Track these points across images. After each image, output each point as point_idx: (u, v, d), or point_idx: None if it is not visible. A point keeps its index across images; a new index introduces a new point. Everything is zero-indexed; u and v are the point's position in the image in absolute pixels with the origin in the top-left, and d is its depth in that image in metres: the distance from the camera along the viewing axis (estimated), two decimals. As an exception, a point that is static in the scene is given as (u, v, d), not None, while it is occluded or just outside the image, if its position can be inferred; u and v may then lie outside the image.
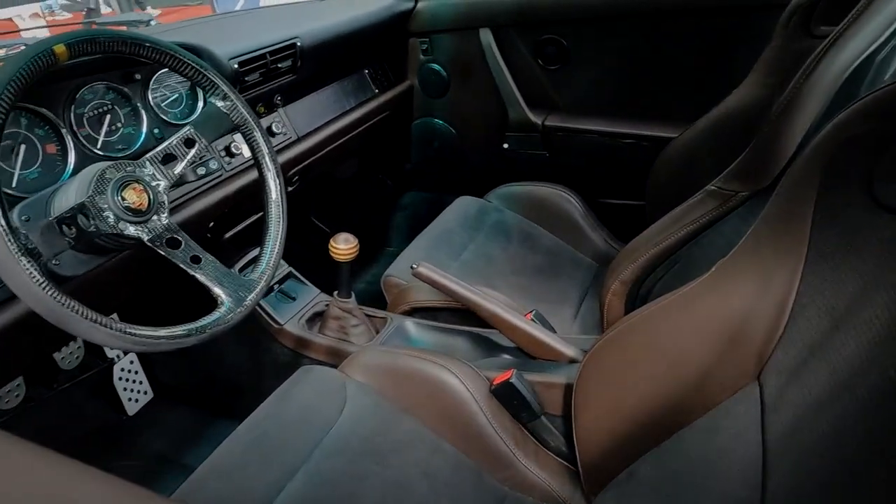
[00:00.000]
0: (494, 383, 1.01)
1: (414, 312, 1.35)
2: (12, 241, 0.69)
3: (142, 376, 1.57)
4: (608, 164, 1.77)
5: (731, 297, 0.70)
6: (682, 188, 1.26)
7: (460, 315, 1.30)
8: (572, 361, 1.11)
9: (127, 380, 1.54)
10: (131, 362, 1.56)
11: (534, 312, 1.21)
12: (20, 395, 1.34)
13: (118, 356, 1.54)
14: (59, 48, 0.76)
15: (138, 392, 1.56)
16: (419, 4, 1.84)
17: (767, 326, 0.66)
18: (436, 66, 1.91)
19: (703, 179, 1.14)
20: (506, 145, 1.88)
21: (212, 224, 1.30)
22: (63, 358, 1.40)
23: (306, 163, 1.55)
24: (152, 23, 1.49)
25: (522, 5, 1.70)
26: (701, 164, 1.33)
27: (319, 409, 0.99)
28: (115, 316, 1.42)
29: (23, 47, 1.17)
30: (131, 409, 1.54)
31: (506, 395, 1.01)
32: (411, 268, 1.22)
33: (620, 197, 1.79)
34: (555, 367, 1.10)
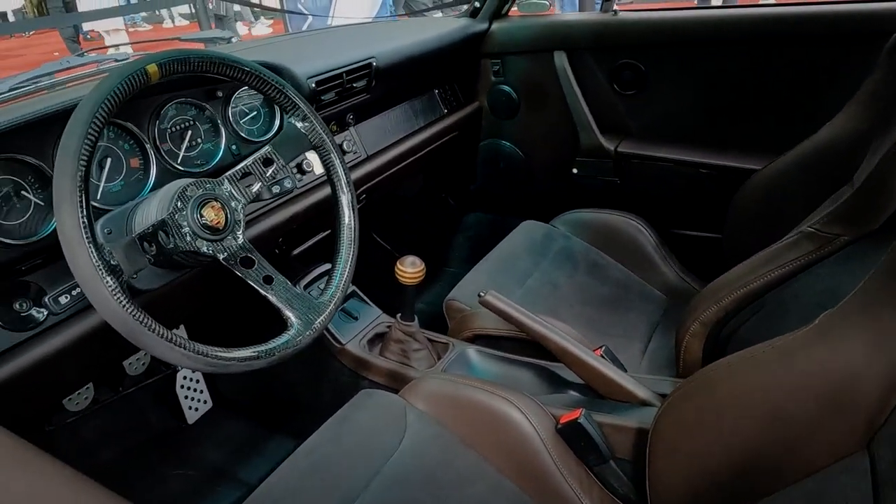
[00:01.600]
0: (561, 422, 0.97)
1: (476, 339, 1.32)
2: (97, 258, 0.69)
3: (202, 385, 1.59)
4: (683, 193, 1.70)
5: (838, 354, 0.64)
6: (766, 224, 1.19)
7: (524, 345, 1.25)
8: (645, 404, 1.05)
9: (188, 388, 1.56)
10: (193, 371, 1.58)
11: (604, 348, 1.16)
12: (88, 397, 1.37)
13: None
14: (152, 68, 0.78)
15: (198, 401, 1.58)
16: (493, 26, 1.83)
17: (880, 391, 0.59)
18: (506, 88, 1.88)
19: (792, 217, 1.07)
20: (575, 170, 1.84)
21: (281, 240, 1.31)
22: (130, 363, 1.43)
23: (374, 182, 1.54)
24: (233, 40, 1.52)
25: (600, 29, 1.66)
26: (789, 201, 1.25)
27: (379, 437, 0.97)
28: (183, 333, 1.45)
29: (112, 63, 1.22)
30: (191, 417, 1.56)
31: (573, 436, 0.96)
32: (479, 295, 1.18)
33: (695, 228, 1.72)
34: (626, 408, 1.05)
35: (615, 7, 1.67)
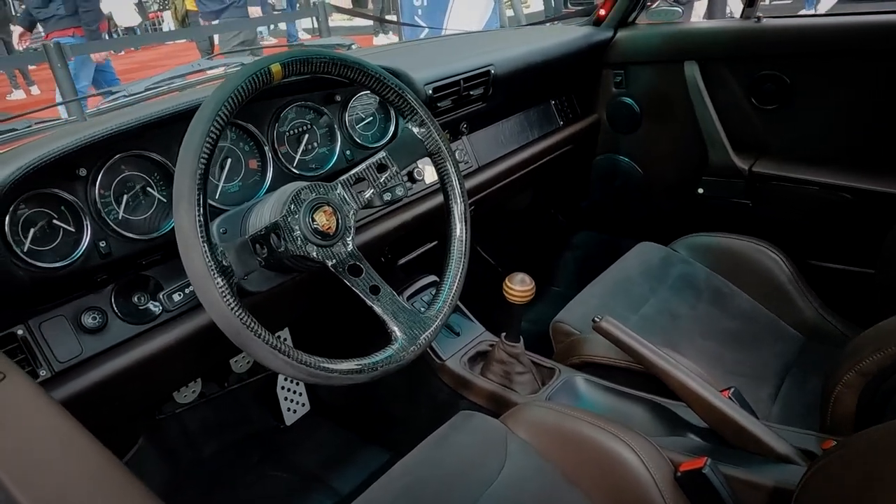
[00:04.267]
0: (681, 469, 0.87)
1: (585, 367, 1.22)
2: (210, 258, 0.69)
3: (302, 388, 1.60)
4: (827, 220, 1.51)
5: None
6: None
7: (639, 378, 1.15)
8: (783, 460, 0.92)
9: (288, 390, 1.58)
10: (294, 375, 1.60)
11: (732, 390, 1.03)
12: (196, 390, 1.42)
13: (284, 365, 1.58)
14: (276, 67, 0.77)
15: (297, 403, 1.59)
16: (619, 34, 1.73)
17: None
18: (628, 100, 1.78)
19: None
20: (700, 190, 1.70)
21: (387, 248, 1.28)
22: (236, 361, 1.46)
23: (483, 194, 1.49)
24: (353, 46, 1.53)
25: (740, 37, 1.53)
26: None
27: (478, 464, 0.92)
28: (287, 336, 1.47)
29: (239, 66, 1.25)
30: (289, 419, 1.57)
31: (695, 487, 0.86)
32: (593, 320, 1.10)
33: (839, 261, 1.53)
34: (760, 462, 0.92)
35: (758, 14, 1.52)
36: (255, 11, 4.51)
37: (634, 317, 1.32)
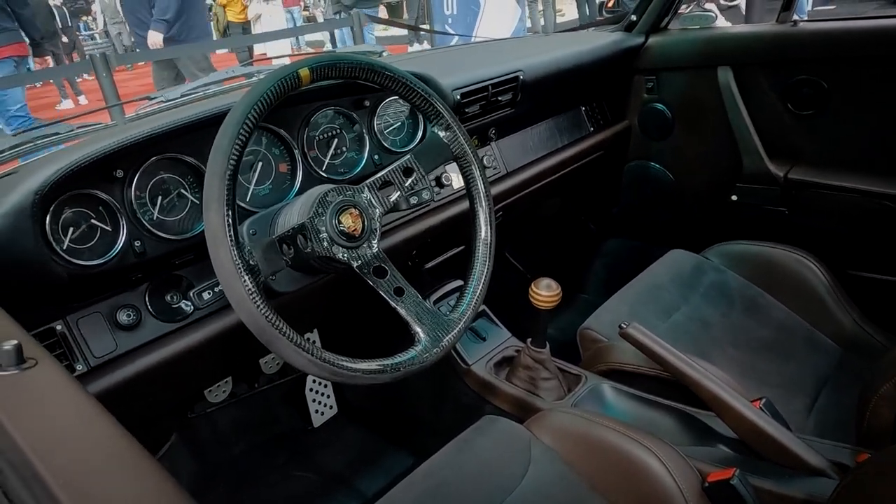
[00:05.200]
0: (709, 480, 0.85)
1: (612, 375, 1.21)
2: (238, 256, 0.70)
3: (330, 391, 1.62)
4: (866, 229, 1.47)
5: None
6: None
7: (667, 387, 1.13)
8: (814, 473, 0.89)
9: (317, 392, 1.60)
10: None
11: (764, 401, 1.01)
12: (227, 390, 1.44)
13: (312, 367, 1.60)
14: (304, 71, 0.79)
15: (325, 406, 1.61)
16: (650, 40, 1.71)
17: None
18: (660, 106, 1.76)
19: None
20: (734, 197, 1.66)
21: (414, 252, 1.29)
22: (266, 362, 1.49)
23: (512, 199, 1.49)
24: (385, 54, 1.55)
25: (776, 42, 1.50)
26: None
27: (501, 468, 0.91)
28: (316, 338, 1.49)
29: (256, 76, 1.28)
30: (316, 420, 1.59)
31: (723, 498, 0.84)
32: (620, 326, 1.08)
33: (880, 271, 1.48)
34: (791, 476, 0.90)
35: (794, 17, 1.49)
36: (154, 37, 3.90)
37: (664, 324, 1.30)
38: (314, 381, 1.60)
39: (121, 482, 0.32)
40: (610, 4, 5.83)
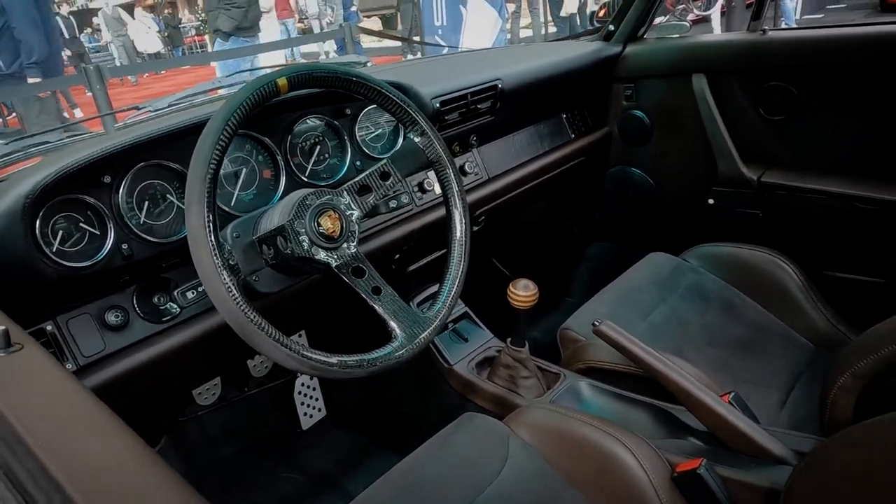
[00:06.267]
0: (677, 470, 0.88)
1: (590, 373, 1.24)
2: (217, 256, 0.74)
3: (318, 394, 1.65)
4: (837, 230, 1.51)
5: None
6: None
7: (642, 383, 1.16)
8: (779, 462, 0.93)
9: (305, 395, 1.62)
10: (311, 378, 1.64)
11: (732, 395, 1.04)
12: (216, 393, 1.47)
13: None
14: (282, 80, 0.82)
15: (313, 409, 1.64)
16: (628, 49, 1.76)
17: None
18: (639, 113, 1.80)
19: None
20: (711, 200, 1.71)
21: (397, 256, 1.33)
22: (255, 366, 1.52)
23: (494, 204, 1.53)
24: (369, 64, 1.60)
25: (747, 50, 1.54)
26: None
27: (479, 463, 0.94)
28: (302, 336, 1.52)
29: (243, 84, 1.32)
30: (305, 423, 1.61)
31: (690, 487, 0.87)
32: (593, 324, 1.12)
33: (850, 270, 1.52)
34: (755, 464, 0.93)
35: (763, 26, 1.54)
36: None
37: (643, 324, 1.34)
38: (303, 385, 1.63)
39: (99, 446, 0.36)
40: (601, 14, 5.93)
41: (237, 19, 4.10)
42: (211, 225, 0.74)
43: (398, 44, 9.59)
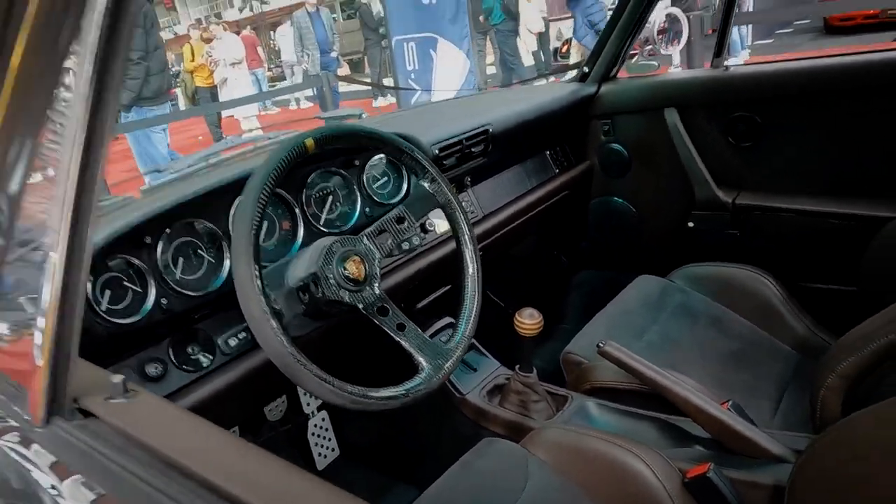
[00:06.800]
0: (688, 476, 0.94)
1: (595, 392, 1.31)
2: (265, 302, 0.81)
3: (331, 433, 1.69)
4: (810, 245, 1.63)
5: None
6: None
7: (646, 399, 1.24)
8: (779, 460, 1.01)
9: (319, 435, 1.66)
10: (323, 419, 1.69)
11: (731, 402, 1.12)
12: (234, 439, 1.50)
13: (312, 412, 1.67)
14: (309, 142, 0.91)
15: (327, 448, 1.67)
16: (602, 88, 1.89)
17: None
18: (617, 147, 1.92)
19: None
20: (691, 224, 1.82)
21: (406, 294, 1.40)
22: (270, 410, 1.56)
23: (490, 240, 1.62)
24: (363, 115, 1.70)
25: (712, 85, 1.68)
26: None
27: (501, 485, 0.99)
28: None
29: (266, 141, 1.40)
30: (320, 464, 1.65)
31: (702, 491, 0.93)
32: (598, 346, 1.20)
33: (826, 281, 1.63)
34: (758, 464, 1.00)
35: (725, 63, 1.69)
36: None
37: (638, 344, 1.41)
38: (315, 426, 1.67)
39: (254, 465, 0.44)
40: (564, 50, 6.20)
41: (134, 91, 3.96)
42: (258, 276, 0.81)
43: (367, 88, 9.86)
